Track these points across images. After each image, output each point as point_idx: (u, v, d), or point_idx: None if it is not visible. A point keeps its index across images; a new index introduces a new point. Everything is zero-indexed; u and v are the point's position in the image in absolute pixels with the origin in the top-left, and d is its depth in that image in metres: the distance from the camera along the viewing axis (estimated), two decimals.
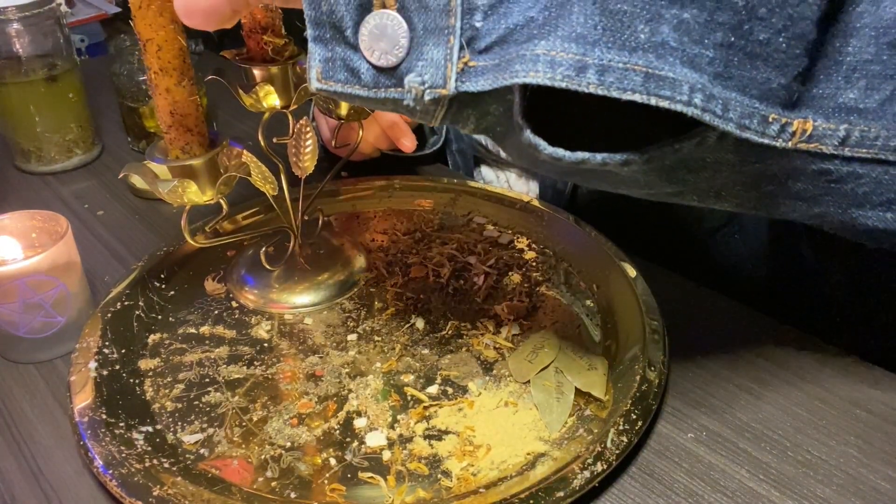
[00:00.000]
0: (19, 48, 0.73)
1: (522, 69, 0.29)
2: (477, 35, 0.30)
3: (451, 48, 0.30)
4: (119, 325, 0.53)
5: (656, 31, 0.29)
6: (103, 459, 0.42)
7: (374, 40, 0.31)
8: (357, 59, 0.32)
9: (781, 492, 0.42)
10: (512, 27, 0.30)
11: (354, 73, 0.32)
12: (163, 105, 0.45)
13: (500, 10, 0.30)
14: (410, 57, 0.31)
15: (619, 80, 0.29)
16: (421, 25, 0.31)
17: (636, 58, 0.29)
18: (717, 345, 0.52)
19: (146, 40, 0.43)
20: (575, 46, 0.29)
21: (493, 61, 0.30)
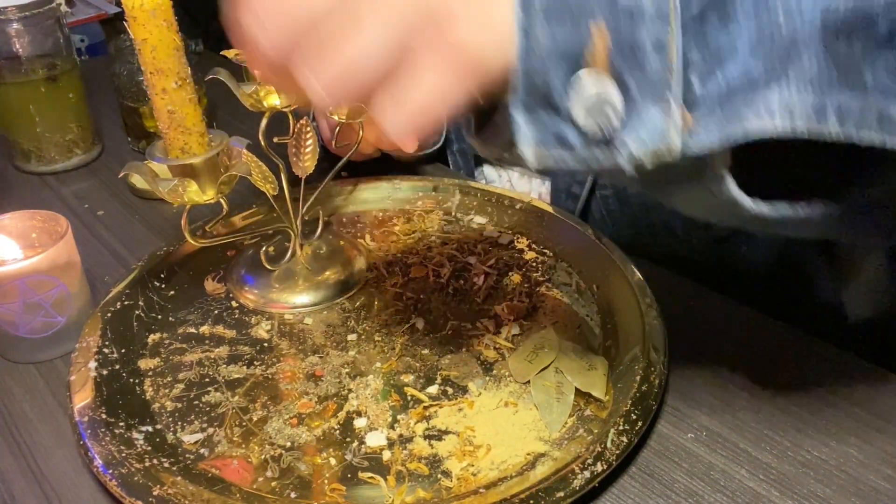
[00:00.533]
0: (19, 48, 0.73)
1: (756, 120, 0.29)
2: (695, 93, 0.30)
3: (671, 110, 0.30)
4: (119, 324, 0.53)
5: (877, 73, 0.29)
6: (103, 459, 0.42)
7: (584, 105, 0.30)
8: (566, 127, 0.31)
9: (781, 492, 0.42)
10: (732, 81, 0.30)
11: (562, 141, 0.31)
12: (160, 105, 0.45)
13: (717, 65, 0.30)
14: (628, 121, 0.30)
15: (857, 124, 0.29)
16: (635, 87, 0.30)
17: (868, 100, 0.29)
18: (717, 345, 0.52)
19: (141, 41, 0.43)
20: (811, 91, 0.29)
21: (718, 116, 0.30)
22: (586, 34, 0.29)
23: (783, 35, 0.29)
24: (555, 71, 0.30)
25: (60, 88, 0.77)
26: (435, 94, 0.30)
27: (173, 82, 0.45)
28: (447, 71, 0.30)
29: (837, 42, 0.29)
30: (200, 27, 1.23)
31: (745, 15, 0.30)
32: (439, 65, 0.30)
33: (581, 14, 0.29)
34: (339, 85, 0.30)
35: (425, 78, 0.30)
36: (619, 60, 0.29)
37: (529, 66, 0.30)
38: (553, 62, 0.30)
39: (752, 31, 0.30)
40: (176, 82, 0.45)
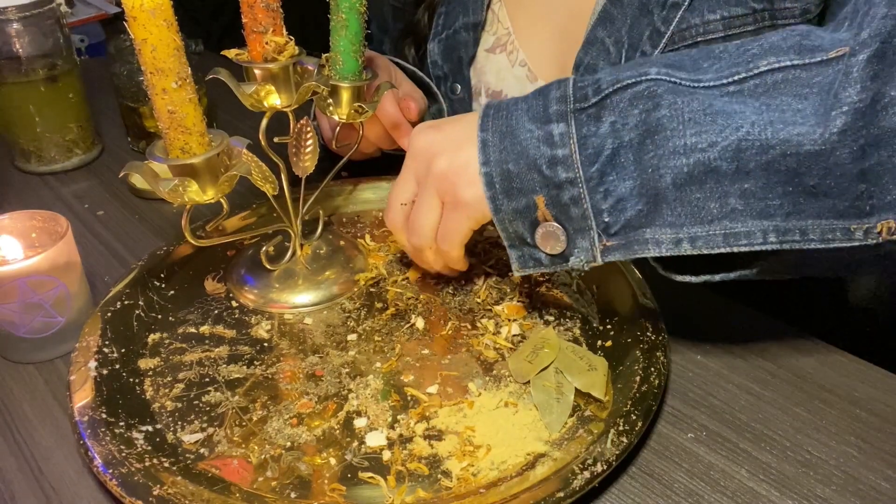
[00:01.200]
0: (19, 48, 0.73)
1: (640, 248, 0.45)
2: (608, 226, 0.45)
3: (593, 238, 0.46)
4: (119, 324, 0.53)
5: (725, 203, 0.43)
6: (103, 459, 0.42)
7: (544, 241, 0.47)
8: (537, 253, 0.48)
9: (781, 492, 0.42)
10: (628, 218, 0.45)
11: (538, 261, 0.49)
12: (160, 106, 0.45)
13: (617, 208, 0.45)
14: (569, 247, 0.47)
15: (706, 243, 0.43)
16: (571, 228, 0.46)
17: (714, 226, 0.43)
18: (717, 345, 0.53)
19: (141, 41, 0.43)
20: (669, 230, 0.44)
21: (621, 241, 0.45)
22: (533, 202, 0.46)
23: (652, 188, 0.44)
24: (520, 224, 0.48)
25: (60, 88, 0.77)
26: (458, 227, 0.50)
27: (173, 82, 0.45)
28: (461, 215, 0.50)
29: (689, 191, 0.43)
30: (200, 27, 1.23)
31: (631, 171, 0.44)
32: (456, 212, 0.50)
33: (525, 189, 0.46)
34: (421, 238, 0.52)
35: (451, 219, 0.50)
36: (556, 213, 0.46)
37: (503, 224, 0.48)
38: (517, 220, 0.47)
39: (637, 183, 0.44)
40: (176, 82, 0.45)
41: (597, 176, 0.44)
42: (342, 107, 0.57)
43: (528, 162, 0.45)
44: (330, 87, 0.56)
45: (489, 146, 0.47)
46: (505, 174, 0.46)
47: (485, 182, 0.47)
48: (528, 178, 0.46)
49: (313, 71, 0.56)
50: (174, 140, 0.46)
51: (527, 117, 0.46)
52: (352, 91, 0.56)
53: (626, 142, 0.44)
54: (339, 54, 0.55)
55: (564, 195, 0.45)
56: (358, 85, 0.56)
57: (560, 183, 0.45)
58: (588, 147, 0.44)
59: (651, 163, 0.43)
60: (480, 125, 0.48)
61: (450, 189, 0.49)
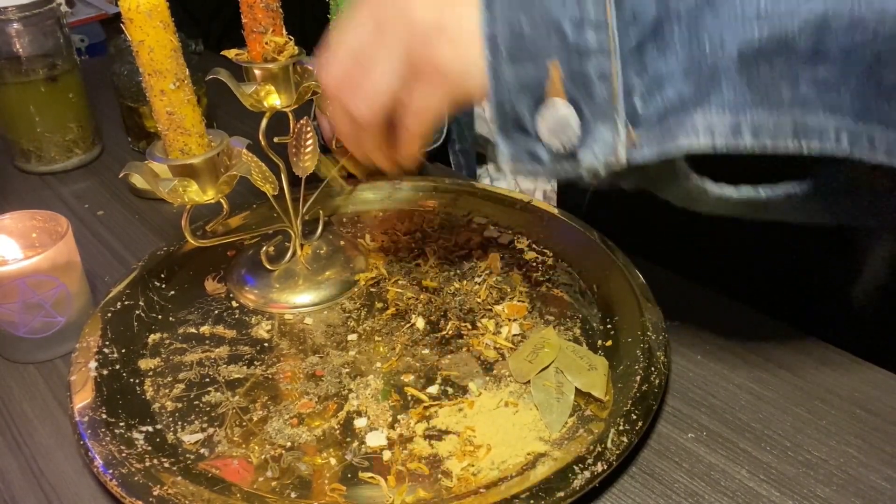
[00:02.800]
0: (19, 48, 0.73)
1: (685, 137, 0.35)
2: (638, 113, 0.35)
3: (617, 127, 0.36)
4: (119, 324, 0.53)
5: (797, 88, 0.34)
6: (103, 459, 0.42)
7: (550, 130, 0.36)
8: (537, 146, 0.37)
9: (781, 492, 0.42)
10: (668, 102, 0.35)
11: (535, 157, 0.38)
12: (158, 107, 0.45)
13: (655, 89, 0.35)
14: (584, 139, 0.36)
15: (772, 136, 0.35)
16: (589, 112, 0.36)
17: (783, 115, 0.34)
18: (717, 345, 0.52)
19: (138, 42, 0.43)
20: (728, 113, 0.34)
21: (656, 134, 0.35)
22: (544, 71, 0.36)
23: (708, 64, 0.35)
24: (522, 101, 0.37)
25: (60, 88, 0.77)
26: (429, 104, 0.40)
27: (171, 83, 0.45)
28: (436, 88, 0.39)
29: (757, 68, 0.34)
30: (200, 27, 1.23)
31: (680, 45, 0.35)
32: (430, 84, 0.39)
33: (539, 54, 0.35)
34: (367, 109, 0.41)
35: (422, 92, 0.39)
36: (573, 90, 0.36)
37: (500, 99, 0.37)
38: (519, 95, 0.36)
39: (684, 59, 0.35)
40: (174, 83, 0.45)
41: (635, 48, 0.35)
42: None
43: (547, 21, 0.35)
44: None
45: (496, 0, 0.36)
46: (515, 36, 0.36)
47: (487, 45, 0.36)
48: (544, 41, 0.35)
49: (313, 71, 0.56)
50: (173, 141, 0.47)
51: None
52: None
53: (676, 9, 0.35)
54: None
55: (590, 67, 0.35)
56: None
57: (586, 49, 0.35)
58: (625, 10, 0.35)
59: (709, 33, 0.34)
60: None
61: (427, 50, 0.38)
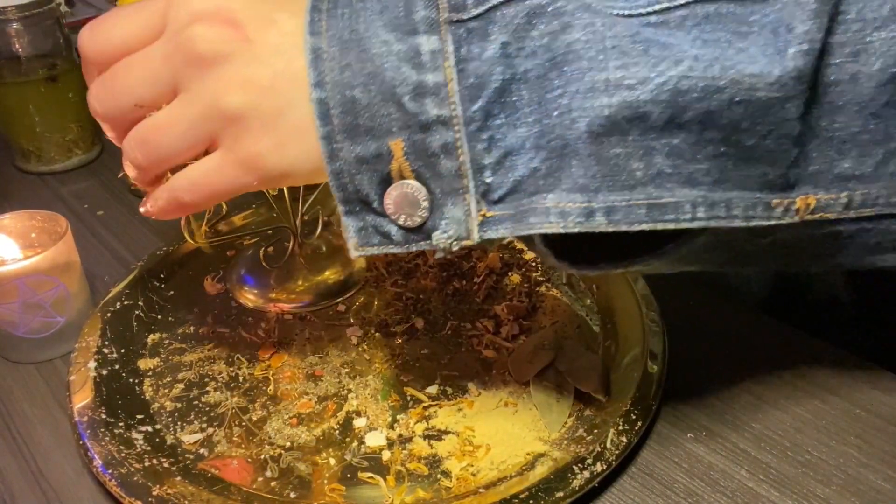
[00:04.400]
0: (19, 48, 0.73)
1: (537, 221, 0.32)
2: (489, 189, 0.33)
3: (468, 205, 0.33)
4: (119, 324, 0.53)
5: (650, 164, 0.32)
6: (103, 459, 0.42)
7: (398, 207, 0.33)
8: (386, 224, 0.34)
9: (781, 492, 0.42)
10: (519, 178, 0.33)
11: (386, 236, 0.35)
12: None
13: (505, 164, 0.32)
14: (434, 216, 0.34)
15: (625, 217, 0.32)
16: (438, 189, 0.33)
17: (637, 194, 0.32)
18: (717, 345, 0.52)
19: None
20: (580, 196, 0.32)
21: (508, 211, 0.33)
22: (386, 148, 0.33)
23: (557, 138, 0.32)
24: (363, 178, 0.33)
25: (60, 88, 0.77)
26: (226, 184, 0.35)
27: None
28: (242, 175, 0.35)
29: (608, 143, 0.31)
30: None
31: (529, 114, 0.32)
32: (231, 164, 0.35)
33: (377, 127, 0.32)
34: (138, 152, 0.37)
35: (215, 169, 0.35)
36: (419, 166, 0.33)
37: (339, 176, 0.33)
38: (361, 173, 0.33)
39: (534, 131, 0.32)
40: None
41: (480, 117, 0.32)
42: None
43: (382, 88, 0.32)
44: None
45: (325, 60, 0.32)
46: (347, 105, 0.32)
47: (318, 113, 0.32)
48: (381, 111, 0.32)
49: None
50: None
51: (380, 21, 0.32)
52: None
53: (522, 73, 0.32)
54: None
55: (433, 141, 0.32)
56: None
57: (428, 123, 0.32)
58: (469, 75, 0.32)
59: (558, 103, 0.32)
60: (309, 25, 0.33)
61: (234, 136, 0.34)
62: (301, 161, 0.34)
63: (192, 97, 0.35)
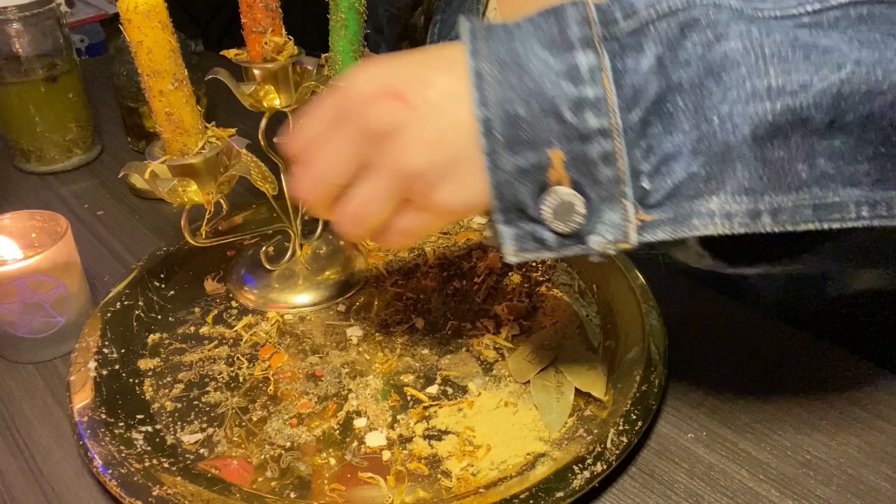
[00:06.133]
0: (19, 48, 0.73)
1: (701, 223, 0.34)
2: (647, 194, 0.34)
3: (626, 210, 0.34)
4: (119, 324, 0.53)
5: (814, 165, 0.33)
6: (103, 459, 0.42)
7: (555, 214, 0.35)
8: (542, 231, 0.36)
9: (781, 492, 0.42)
10: (678, 183, 0.34)
11: (541, 242, 0.36)
12: (157, 107, 0.45)
13: (662, 170, 0.34)
14: (590, 222, 0.35)
15: (791, 217, 0.34)
16: (595, 196, 0.35)
17: (802, 195, 0.34)
18: (717, 345, 0.52)
19: (136, 43, 0.43)
20: (746, 198, 0.34)
21: (667, 214, 0.34)
22: (545, 158, 0.34)
23: (718, 143, 0.33)
24: (523, 188, 0.35)
25: (60, 88, 0.77)
26: (418, 227, 0.39)
27: (170, 84, 0.45)
28: (432, 219, 0.38)
29: (771, 147, 0.33)
30: (200, 27, 1.23)
31: (686, 122, 0.34)
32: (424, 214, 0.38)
33: (537, 140, 0.34)
34: (353, 227, 0.40)
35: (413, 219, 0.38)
36: (577, 175, 0.34)
37: (499, 187, 0.35)
38: (519, 182, 0.35)
39: (692, 137, 0.34)
40: (173, 84, 0.45)
41: (638, 126, 0.34)
42: None
43: (543, 102, 0.34)
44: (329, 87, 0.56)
45: (486, 79, 0.34)
46: (510, 119, 0.34)
47: (482, 130, 0.34)
48: (542, 124, 0.34)
49: (312, 71, 0.56)
50: (173, 141, 0.46)
51: (536, 40, 0.34)
52: None
53: (677, 82, 0.33)
54: (337, 54, 0.55)
55: (592, 150, 0.34)
56: None
57: (588, 133, 0.34)
58: (626, 86, 0.34)
59: (717, 109, 0.33)
60: (471, 51, 0.35)
61: (423, 191, 0.37)
62: (479, 194, 0.36)
63: (379, 169, 0.37)
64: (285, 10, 0.52)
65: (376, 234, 0.40)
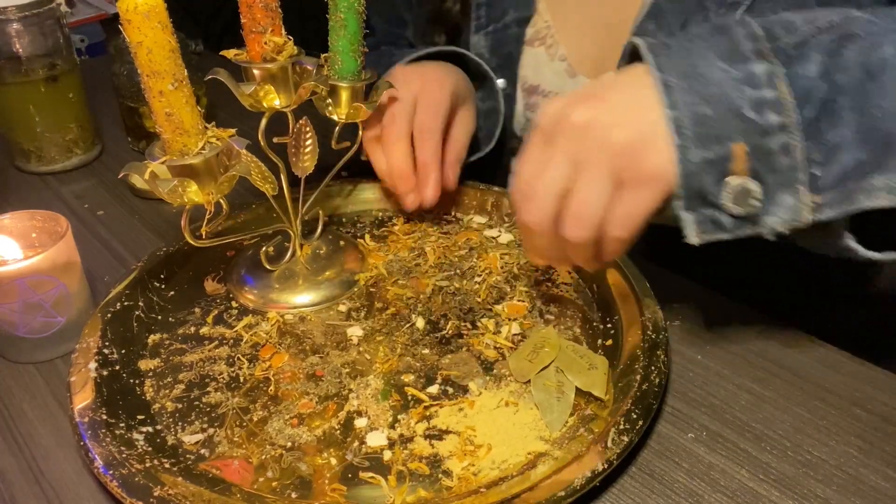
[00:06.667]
0: (19, 48, 0.73)
1: (866, 199, 0.40)
2: (817, 179, 0.40)
3: (801, 193, 0.41)
4: (119, 325, 0.53)
5: None
6: (104, 460, 0.42)
7: (734, 199, 0.41)
8: (720, 215, 0.42)
9: (781, 492, 0.42)
10: (845, 168, 0.40)
11: (718, 225, 0.42)
12: (157, 108, 0.45)
13: (831, 158, 0.40)
14: (766, 205, 0.41)
15: None
16: (772, 181, 0.41)
17: None
18: (717, 345, 0.52)
19: (136, 44, 0.43)
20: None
21: (837, 197, 0.40)
22: (728, 150, 0.40)
23: (881, 132, 0.39)
24: (707, 178, 0.41)
25: (60, 88, 0.77)
26: (640, 207, 0.42)
27: (170, 84, 0.45)
28: (649, 191, 0.42)
29: None
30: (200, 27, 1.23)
31: (850, 116, 0.40)
32: (641, 190, 0.42)
33: (722, 136, 0.40)
34: (582, 233, 0.43)
35: (631, 198, 0.42)
36: (757, 164, 0.40)
37: (688, 177, 0.41)
38: (705, 172, 0.41)
39: (856, 129, 0.40)
40: (173, 84, 0.45)
41: (811, 121, 0.40)
42: (341, 107, 0.57)
43: (726, 105, 0.40)
44: (329, 87, 0.56)
45: (674, 88, 0.41)
46: (698, 119, 0.40)
47: (674, 128, 0.40)
48: (726, 123, 0.40)
49: (312, 71, 0.56)
50: (173, 141, 0.46)
51: (714, 56, 0.41)
52: (350, 91, 0.56)
53: (841, 85, 0.40)
54: (337, 54, 0.55)
55: (773, 142, 0.40)
56: (357, 85, 0.56)
57: (769, 128, 0.40)
58: (799, 89, 0.40)
59: (878, 105, 0.39)
60: (656, 65, 0.42)
61: (632, 164, 0.41)
62: (671, 164, 0.41)
63: (590, 157, 0.42)
64: (285, 10, 0.52)
65: (597, 236, 0.43)
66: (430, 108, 0.60)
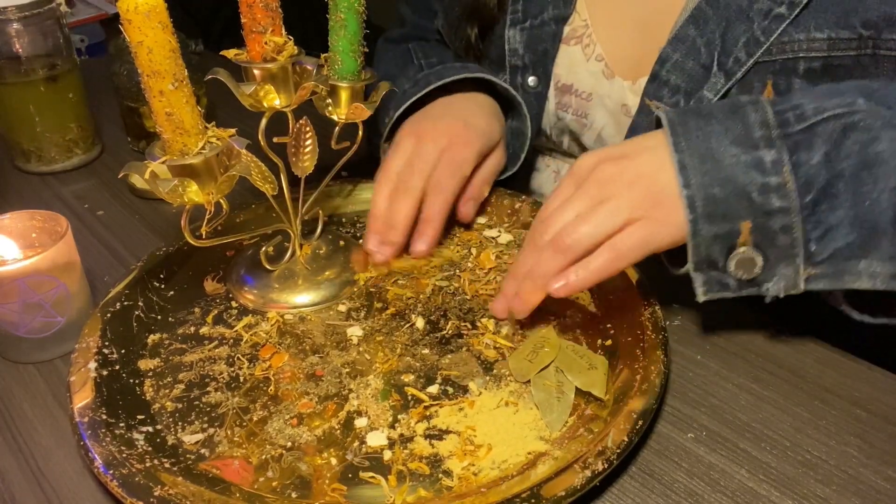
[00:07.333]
0: (19, 48, 0.73)
1: (851, 279, 0.45)
2: (813, 254, 0.45)
3: (797, 266, 0.46)
4: (119, 325, 0.53)
5: None
6: (104, 460, 0.42)
7: (738, 267, 0.46)
8: (726, 278, 0.47)
9: (781, 492, 0.42)
10: (837, 248, 0.45)
11: (724, 286, 0.48)
12: (157, 108, 0.45)
13: (826, 237, 0.45)
14: (766, 273, 0.46)
15: None
16: (772, 255, 0.46)
17: None
18: (717, 345, 0.53)
19: (136, 44, 0.43)
20: (888, 264, 0.44)
21: (828, 270, 0.45)
22: (737, 228, 0.46)
23: (869, 220, 0.44)
24: (715, 248, 0.46)
25: (60, 88, 0.77)
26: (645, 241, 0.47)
27: (170, 84, 0.45)
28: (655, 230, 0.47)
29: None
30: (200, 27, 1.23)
31: (846, 201, 0.44)
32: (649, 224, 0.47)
33: (731, 215, 0.45)
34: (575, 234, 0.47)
35: (639, 228, 0.47)
36: (760, 240, 0.46)
37: (698, 248, 0.46)
38: (714, 244, 0.46)
39: (850, 213, 0.44)
40: (173, 84, 0.45)
41: (810, 206, 0.44)
42: (341, 107, 0.57)
43: (735, 188, 0.45)
44: (329, 87, 0.56)
45: (689, 169, 0.46)
46: (709, 199, 0.45)
47: (686, 204, 0.45)
48: (735, 204, 0.45)
49: (312, 71, 0.56)
50: (173, 141, 0.46)
51: (727, 140, 0.45)
52: (350, 91, 0.56)
53: (839, 172, 0.44)
54: (337, 54, 0.55)
55: (774, 223, 0.45)
56: (357, 85, 0.56)
57: (771, 211, 0.45)
58: (801, 176, 0.44)
59: (869, 196, 0.44)
60: (674, 146, 0.46)
61: (650, 207, 0.46)
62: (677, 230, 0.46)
63: (610, 197, 0.47)
64: (285, 10, 0.52)
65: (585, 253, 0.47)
66: (450, 167, 0.60)
